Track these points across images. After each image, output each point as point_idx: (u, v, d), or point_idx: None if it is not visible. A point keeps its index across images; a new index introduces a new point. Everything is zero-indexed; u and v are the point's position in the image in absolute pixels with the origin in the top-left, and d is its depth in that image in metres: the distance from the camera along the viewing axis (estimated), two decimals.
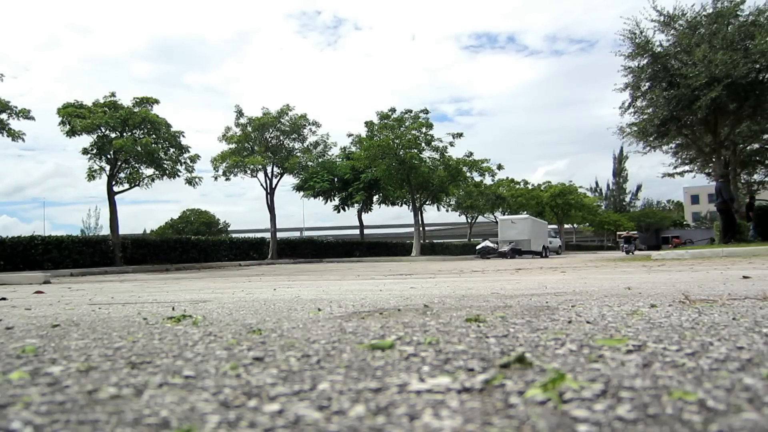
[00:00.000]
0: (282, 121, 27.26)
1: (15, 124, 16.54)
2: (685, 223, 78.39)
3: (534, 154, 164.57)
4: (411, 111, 31.07)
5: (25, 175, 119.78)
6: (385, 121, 30.65)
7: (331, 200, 36.29)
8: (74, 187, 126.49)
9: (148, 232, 61.34)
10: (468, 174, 33.99)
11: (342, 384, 1.04)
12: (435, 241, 44.57)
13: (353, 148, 33.73)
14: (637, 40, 19.37)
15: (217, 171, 26.90)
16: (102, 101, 19.54)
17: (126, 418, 0.84)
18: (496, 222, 35.91)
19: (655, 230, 72.47)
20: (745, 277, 4.54)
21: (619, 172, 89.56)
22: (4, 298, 4.41)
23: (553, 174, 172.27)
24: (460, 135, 31.66)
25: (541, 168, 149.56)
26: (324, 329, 1.81)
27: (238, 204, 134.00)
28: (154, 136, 19.67)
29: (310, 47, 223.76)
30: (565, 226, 58.17)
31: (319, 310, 2.56)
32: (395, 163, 30.47)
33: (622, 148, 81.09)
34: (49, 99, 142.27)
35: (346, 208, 36.91)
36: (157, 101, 20.41)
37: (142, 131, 19.62)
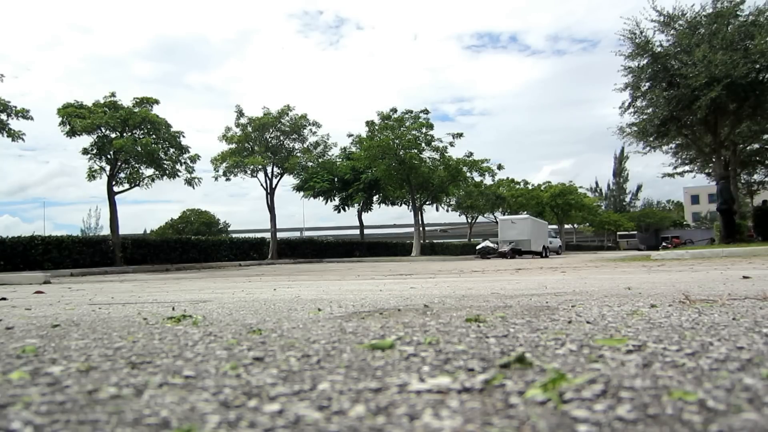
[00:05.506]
0: (282, 121, 27.27)
1: (14, 124, 16.55)
2: (685, 223, 78.41)
3: (537, 153, 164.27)
4: (411, 111, 31.11)
5: (27, 175, 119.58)
6: (386, 121, 30.66)
7: (331, 200, 36.31)
8: (77, 186, 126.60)
9: (148, 232, 61.38)
10: (468, 174, 34.02)
11: (342, 384, 1.04)
12: (435, 241, 44.58)
13: (353, 149, 33.76)
14: (637, 40, 19.35)
15: (218, 171, 26.94)
16: (102, 101, 19.55)
17: (126, 418, 0.84)
18: (496, 222, 35.91)
19: (655, 230, 72.48)
20: (745, 277, 4.54)
21: (619, 172, 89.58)
22: (4, 298, 4.41)
23: (558, 173, 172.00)
24: (460, 135, 31.70)
25: (546, 167, 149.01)
26: (324, 329, 1.81)
27: (241, 204, 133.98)
28: (154, 136, 19.67)
29: (311, 47, 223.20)
30: (565, 226, 58.15)
31: (319, 310, 2.56)
32: (395, 163, 30.48)
33: (623, 148, 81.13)
34: (50, 99, 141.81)
35: (346, 208, 36.92)
36: (157, 101, 20.42)
37: (142, 131, 19.63)
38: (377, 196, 36.31)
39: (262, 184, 27.90)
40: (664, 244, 55.58)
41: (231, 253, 24.62)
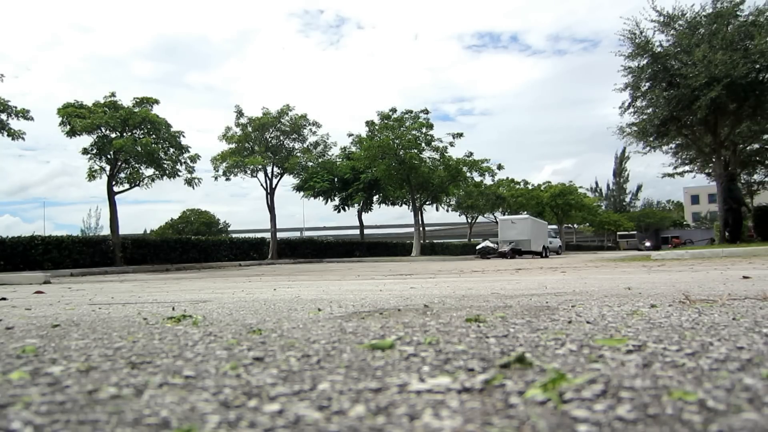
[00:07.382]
0: (282, 121, 27.28)
1: (14, 123, 16.55)
2: (685, 223, 78.39)
3: (538, 153, 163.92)
4: (411, 111, 31.13)
5: (27, 175, 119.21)
6: (386, 121, 30.68)
7: (331, 200, 36.30)
8: (77, 186, 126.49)
9: (148, 232, 61.39)
10: (468, 174, 34.03)
11: (342, 384, 1.04)
12: (435, 241, 44.58)
13: (353, 148, 33.77)
14: (637, 41, 19.36)
15: (218, 171, 26.95)
16: (102, 101, 19.55)
17: (126, 418, 0.84)
18: (496, 222, 35.91)
19: (655, 230, 72.48)
20: (745, 277, 4.54)
21: (619, 172, 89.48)
22: (4, 298, 4.41)
23: (559, 173, 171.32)
24: (460, 135, 31.73)
25: (547, 167, 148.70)
26: (324, 329, 1.81)
27: (241, 204, 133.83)
28: (154, 136, 19.68)
29: (312, 46, 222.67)
30: (565, 226, 58.14)
31: (319, 310, 2.56)
32: (395, 163, 30.49)
33: (624, 148, 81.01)
34: (50, 98, 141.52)
35: (346, 208, 36.90)
36: (157, 101, 20.43)
37: (142, 131, 19.63)
38: (377, 196, 36.31)
39: (262, 184, 27.94)
40: (647, 244, 55.92)
41: (231, 253, 24.62)
